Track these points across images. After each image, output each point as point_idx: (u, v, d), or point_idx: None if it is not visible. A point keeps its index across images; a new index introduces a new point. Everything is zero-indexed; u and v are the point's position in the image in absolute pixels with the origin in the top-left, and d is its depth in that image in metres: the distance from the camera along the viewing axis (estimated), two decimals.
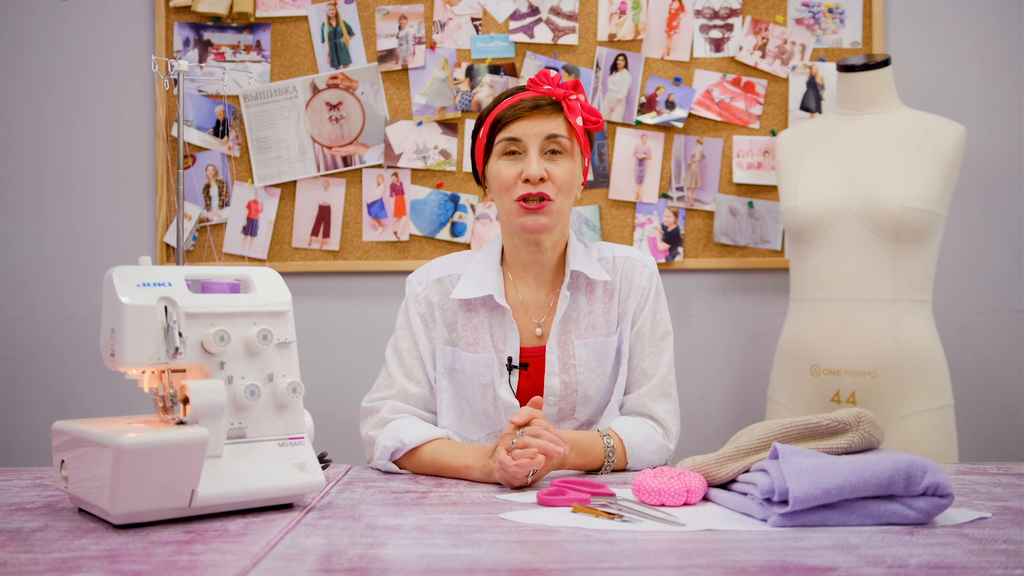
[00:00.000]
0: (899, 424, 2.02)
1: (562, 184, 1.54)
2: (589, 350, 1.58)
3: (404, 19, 2.54)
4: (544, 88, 1.56)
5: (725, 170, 2.53)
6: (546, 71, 1.57)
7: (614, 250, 1.65)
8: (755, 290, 2.56)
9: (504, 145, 1.54)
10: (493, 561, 0.94)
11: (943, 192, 2.03)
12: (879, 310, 2.02)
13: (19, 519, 1.13)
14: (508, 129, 1.54)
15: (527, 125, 1.53)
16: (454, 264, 1.65)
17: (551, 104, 1.55)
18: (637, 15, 2.53)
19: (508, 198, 1.54)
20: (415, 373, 1.59)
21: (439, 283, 1.62)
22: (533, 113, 1.53)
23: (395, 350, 1.62)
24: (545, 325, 1.60)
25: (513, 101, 1.55)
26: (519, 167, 1.53)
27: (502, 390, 1.56)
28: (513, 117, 1.53)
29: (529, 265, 1.61)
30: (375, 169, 2.55)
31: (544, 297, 1.61)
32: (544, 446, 1.32)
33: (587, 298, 1.60)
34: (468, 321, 1.59)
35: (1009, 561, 0.93)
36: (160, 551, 0.98)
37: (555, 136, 1.53)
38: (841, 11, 2.52)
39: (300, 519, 1.13)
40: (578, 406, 1.58)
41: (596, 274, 1.58)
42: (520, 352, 1.58)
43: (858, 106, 2.14)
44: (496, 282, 1.58)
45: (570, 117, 1.54)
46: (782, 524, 1.07)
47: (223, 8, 2.51)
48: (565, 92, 1.55)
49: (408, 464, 1.49)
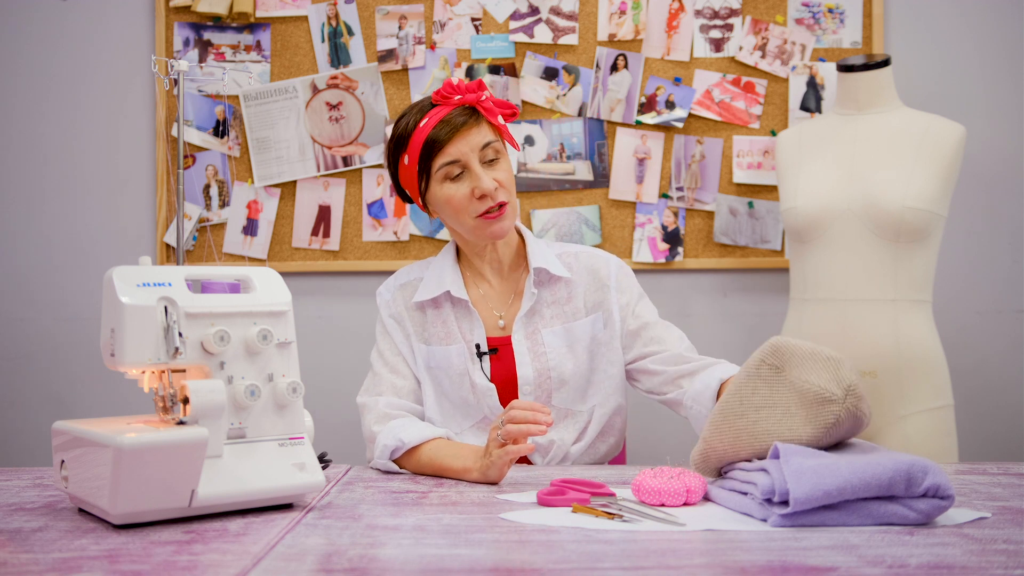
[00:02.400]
0: (899, 424, 2.02)
1: (508, 184, 1.59)
2: (557, 336, 1.63)
3: (404, 19, 2.54)
4: (455, 99, 1.56)
5: (725, 170, 2.53)
6: (449, 80, 1.58)
7: (576, 248, 1.72)
8: (755, 290, 2.56)
9: (446, 170, 1.56)
10: (493, 561, 0.94)
11: (943, 192, 2.03)
12: (879, 310, 2.02)
13: (19, 519, 1.13)
14: (445, 153, 1.54)
15: (461, 143, 1.54)
16: (417, 269, 1.72)
17: (472, 114, 1.56)
18: (637, 15, 2.53)
19: (467, 217, 1.58)
20: (400, 368, 1.65)
21: (403, 288, 1.69)
22: (460, 130, 1.54)
23: (378, 352, 1.68)
24: (507, 317, 1.65)
25: (435, 123, 1.55)
26: (467, 186, 1.56)
27: (476, 376, 1.61)
28: (447, 138, 1.53)
29: (488, 261, 1.67)
30: (375, 169, 2.55)
31: (504, 289, 1.68)
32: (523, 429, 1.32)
33: (549, 291, 1.66)
34: (437, 317, 1.65)
35: (1009, 561, 0.93)
36: (160, 551, 0.98)
37: (489, 143, 1.56)
38: (841, 11, 2.52)
39: (300, 519, 1.13)
40: (554, 392, 1.62)
41: (557, 270, 1.64)
42: (488, 341, 1.63)
43: (858, 106, 2.14)
44: (453, 278, 1.65)
45: (491, 119, 1.57)
46: (782, 524, 1.07)
47: (223, 8, 2.51)
48: (476, 96, 1.56)
49: (407, 463, 1.49)
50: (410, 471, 1.49)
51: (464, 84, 1.58)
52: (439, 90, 1.58)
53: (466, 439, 1.62)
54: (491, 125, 1.58)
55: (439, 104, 1.57)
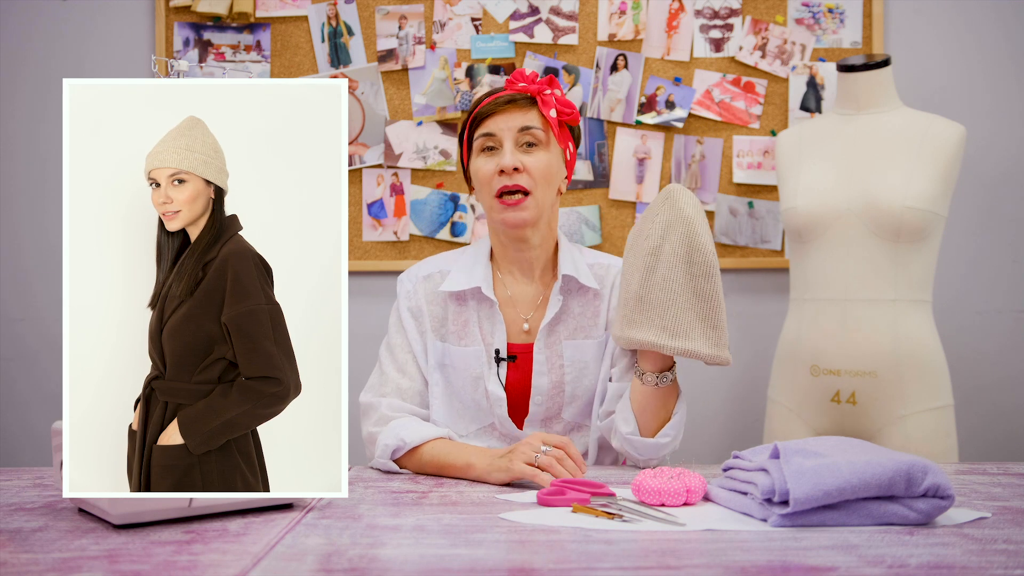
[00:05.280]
0: (899, 424, 2.02)
1: (539, 176, 1.56)
2: (577, 351, 1.60)
3: (404, 19, 2.54)
4: (519, 85, 1.60)
5: (725, 170, 2.53)
6: (522, 70, 1.62)
7: (609, 259, 1.69)
8: (755, 290, 2.56)
9: (482, 141, 1.58)
10: (493, 561, 0.94)
11: (943, 192, 2.03)
12: (879, 310, 2.02)
13: (19, 519, 1.13)
14: (484, 125, 1.58)
15: (501, 120, 1.57)
16: (443, 261, 1.68)
17: (526, 99, 1.59)
18: (637, 15, 2.53)
19: (488, 194, 1.58)
20: (408, 368, 1.62)
21: (428, 279, 1.65)
22: (507, 108, 1.57)
23: (388, 347, 1.65)
24: (533, 321, 1.62)
25: (490, 100, 1.60)
26: (496, 161, 1.56)
27: (491, 383, 1.58)
28: (488, 113, 1.58)
29: (516, 262, 1.64)
30: (375, 169, 2.55)
31: (532, 294, 1.64)
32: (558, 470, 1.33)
33: (577, 301, 1.63)
34: (458, 315, 1.62)
35: (1009, 561, 0.93)
36: (160, 551, 0.98)
37: (528, 128, 1.57)
38: (841, 11, 2.52)
39: (300, 519, 1.13)
40: (565, 406, 1.61)
41: (586, 280, 1.61)
42: (508, 347, 1.61)
43: (858, 106, 2.14)
44: (484, 275, 1.62)
45: (544, 110, 1.58)
46: (782, 524, 1.07)
47: (223, 8, 2.51)
48: (539, 87, 1.59)
49: (409, 463, 1.49)
50: (411, 471, 1.49)
51: (535, 75, 1.60)
52: (511, 75, 1.62)
53: (469, 442, 1.60)
54: (542, 117, 1.58)
55: (506, 88, 1.62)
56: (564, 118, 1.60)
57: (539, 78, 1.60)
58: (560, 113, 1.59)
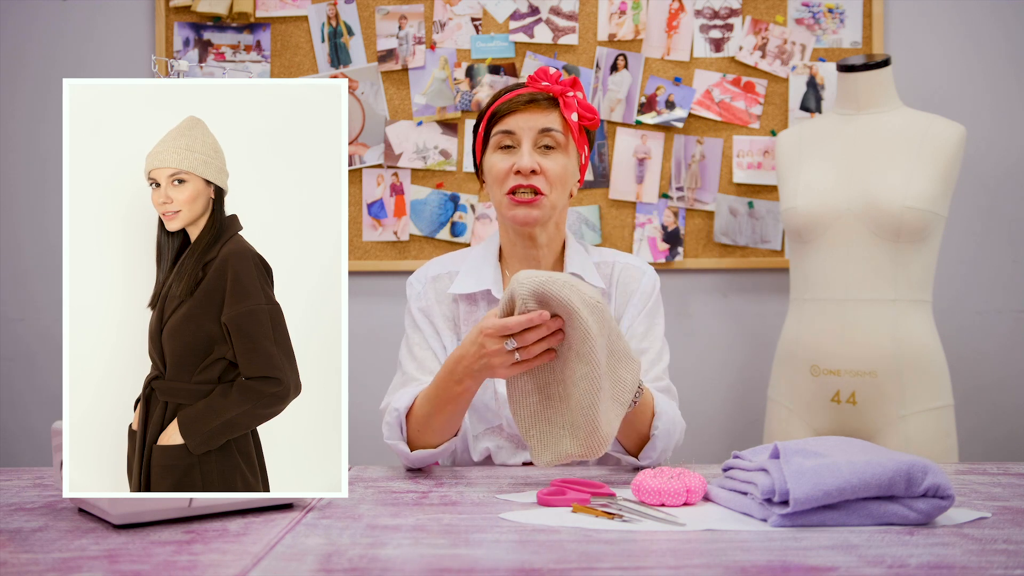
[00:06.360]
0: (899, 424, 2.02)
1: (554, 179, 1.55)
2: None
3: (404, 19, 2.54)
4: (542, 84, 1.57)
5: (725, 170, 2.53)
6: (545, 68, 1.59)
7: (615, 256, 1.66)
8: (755, 290, 2.56)
9: (499, 138, 1.56)
10: (493, 561, 0.94)
11: (943, 192, 2.03)
12: (879, 310, 2.02)
13: (19, 519, 1.13)
14: (503, 122, 1.56)
15: (521, 119, 1.55)
16: (451, 262, 1.67)
17: (547, 99, 1.56)
18: (637, 15, 2.53)
19: (500, 191, 1.56)
20: (428, 363, 1.59)
21: (436, 280, 1.64)
22: (528, 107, 1.55)
23: (407, 347, 1.62)
24: None
25: (511, 96, 1.57)
26: (512, 160, 1.55)
27: (499, 384, 1.57)
28: (508, 111, 1.56)
29: (525, 260, 1.62)
30: (375, 169, 2.55)
31: None
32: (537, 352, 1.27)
33: None
34: (469, 316, 1.61)
35: (1009, 561, 0.93)
36: (160, 551, 0.98)
37: (549, 130, 1.55)
38: (841, 11, 2.52)
39: (300, 519, 1.13)
40: None
41: (592, 279, 1.60)
42: None
43: (858, 106, 2.14)
44: (494, 277, 1.60)
45: (566, 113, 1.56)
46: (782, 524, 1.07)
47: (223, 8, 2.51)
48: (563, 89, 1.57)
49: (414, 426, 1.44)
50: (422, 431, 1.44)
51: (559, 75, 1.58)
52: (533, 74, 1.59)
53: (480, 443, 1.59)
54: (563, 119, 1.56)
55: (527, 86, 1.59)
56: (585, 122, 1.58)
57: (562, 79, 1.58)
58: (581, 117, 1.57)
